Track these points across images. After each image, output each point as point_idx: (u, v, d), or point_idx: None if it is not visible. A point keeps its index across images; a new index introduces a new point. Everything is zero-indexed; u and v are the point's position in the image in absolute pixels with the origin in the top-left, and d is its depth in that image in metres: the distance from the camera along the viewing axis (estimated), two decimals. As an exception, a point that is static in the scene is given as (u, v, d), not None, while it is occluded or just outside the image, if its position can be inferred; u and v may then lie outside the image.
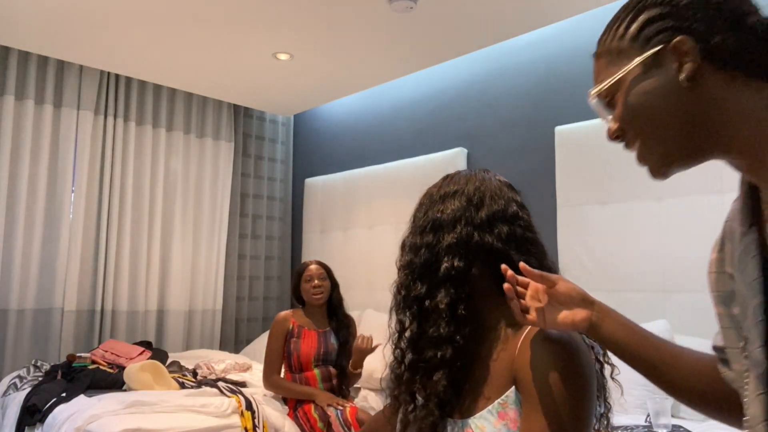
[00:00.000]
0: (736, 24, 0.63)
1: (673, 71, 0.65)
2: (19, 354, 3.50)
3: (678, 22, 0.65)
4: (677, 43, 0.64)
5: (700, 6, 0.65)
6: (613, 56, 0.71)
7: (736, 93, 0.63)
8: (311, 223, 4.48)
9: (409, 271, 0.97)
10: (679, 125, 0.66)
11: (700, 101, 0.65)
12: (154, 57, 3.60)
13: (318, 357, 2.69)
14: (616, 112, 0.71)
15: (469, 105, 3.60)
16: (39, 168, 3.63)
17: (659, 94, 0.67)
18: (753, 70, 0.63)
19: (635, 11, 0.70)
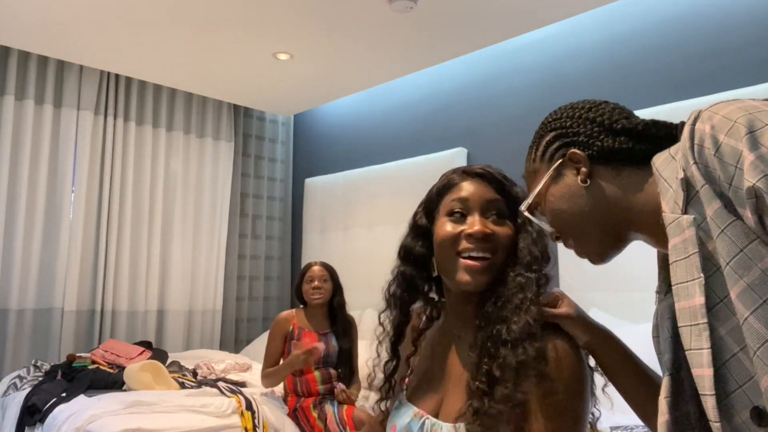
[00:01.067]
0: (609, 130, 0.81)
1: (574, 177, 0.82)
2: (19, 354, 3.50)
3: (568, 138, 0.84)
4: (570, 154, 0.82)
5: (581, 123, 0.83)
6: (532, 175, 0.89)
7: (626, 182, 0.79)
8: (311, 223, 4.48)
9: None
10: (594, 220, 0.81)
11: (600, 195, 0.80)
12: (154, 57, 3.60)
13: (318, 359, 2.69)
14: (547, 219, 0.87)
15: (469, 105, 3.60)
16: (39, 168, 3.63)
17: (568, 197, 0.83)
18: (632, 161, 0.79)
19: (539, 137, 0.88)
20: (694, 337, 0.65)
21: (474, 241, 0.90)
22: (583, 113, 0.85)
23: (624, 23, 2.93)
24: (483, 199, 0.93)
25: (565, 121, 0.85)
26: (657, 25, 2.81)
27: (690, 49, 2.69)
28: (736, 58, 2.54)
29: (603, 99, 0.88)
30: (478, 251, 0.90)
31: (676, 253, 0.68)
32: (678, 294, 0.68)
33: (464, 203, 0.94)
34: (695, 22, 2.68)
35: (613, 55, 2.96)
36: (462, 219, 0.93)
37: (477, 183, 0.95)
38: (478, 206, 0.93)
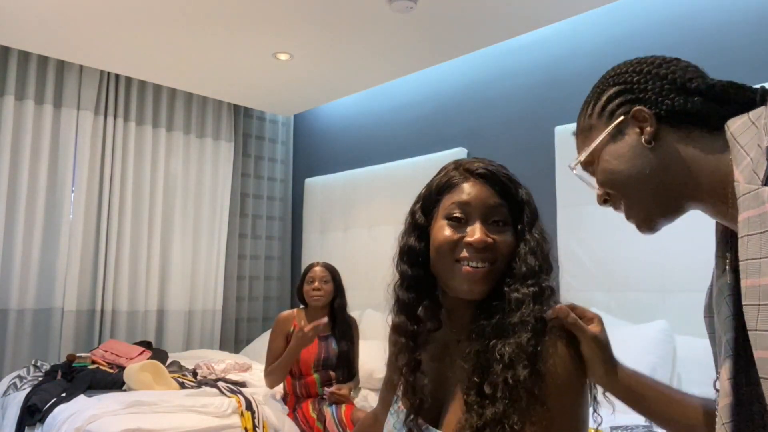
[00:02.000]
0: (681, 89, 0.76)
1: (636, 136, 0.77)
2: (19, 354, 3.50)
3: (633, 95, 0.79)
4: (635, 112, 0.77)
5: (649, 80, 0.79)
6: (587, 132, 0.83)
7: (693, 146, 0.74)
8: (311, 223, 4.48)
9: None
10: (652, 183, 0.76)
11: (664, 158, 0.75)
12: (154, 57, 3.60)
13: (318, 362, 2.68)
14: (598, 179, 0.83)
15: (469, 105, 3.60)
16: (39, 168, 3.63)
17: (628, 157, 0.78)
18: (703, 124, 0.74)
19: (599, 92, 0.83)
20: (762, 318, 0.61)
21: (473, 251, 0.86)
22: (653, 69, 0.80)
23: (624, 23, 2.93)
24: (485, 204, 0.89)
25: (631, 76, 0.80)
26: (657, 25, 2.81)
27: (690, 49, 2.69)
28: (736, 58, 2.54)
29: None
30: (477, 261, 0.86)
31: (750, 226, 0.63)
32: (747, 270, 0.63)
33: (465, 208, 0.89)
34: (695, 22, 2.68)
35: (613, 55, 2.96)
36: (462, 224, 0.88)
37: (479, 185, 0.90)
38: (479, 212, 0.88)
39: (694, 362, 2.27)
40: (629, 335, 2.35)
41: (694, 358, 2.27)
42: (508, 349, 0.81)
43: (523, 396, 0.78)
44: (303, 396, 2.68)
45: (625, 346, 2.35)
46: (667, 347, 2.26)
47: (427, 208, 0.95)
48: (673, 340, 2.29)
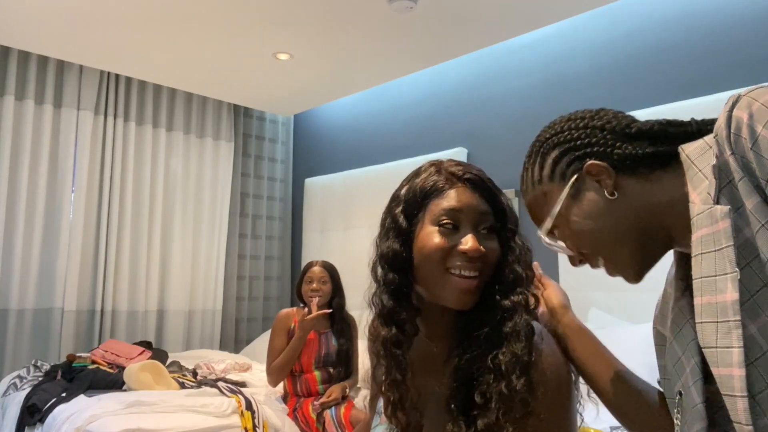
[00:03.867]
0: (623, 136, 0.76)
1: (596, 191, 0.76)
2: (19, 354, 3.50)
3: (578, 151, 0.78)
4: (588, 167, 0.76)
5: (589, 133, 0.78)
6: (541, 199, 0.82)
7: (656, 187, 0.74)
8: (311, 223, 4.48)
9: None
10: (629, 235, 0.75)
11: (632, 206, 0.75)
12: (154, 57, 3.60)
13: (318, 359, 2.69)
14: (569, 243, 0.81)
15: (469, 105, 3.59)
16: (39, 168, 3.63)
17: (596, 214, 0.76)
18: (655, 165, 0.74)
19: (540, 157, 0.82)
20: (722, 335, 0.61)
21: (467, 260, 0.83)
22: (589, 122, 0.79)
23: (624, 23, 2.93)
24: (477, 212, 0.86)
25: (570, 134, 0.79)
26: (657, 25, 2.81)
27: (690, 49, 2.69)
28: (736, 58, 2.54)
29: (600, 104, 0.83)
30: (469, 270, 0.83)
31: (704, 245, 0.64)
32: (702, 288, 0.64)
33: (456, 215, 0.86)
34: (695, 22, 2.68)
35: (613, 55, 2.96)
36: (452, 231, 0.85)
37: (469, 192, 0.88)
38: (470, 220, 0.86)
39: (694, 362, 2.27)
40: (629, 335, 2.35)
41: (694, 358, 2.27)
42: (503, 358, 0.79)
43: (517, 406, 0.77)
44: (303, 394, 2.68)
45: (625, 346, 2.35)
46: (667, 347, 2.26)
47: (409, 212, 0.91)
48: (673, 340, 2.28)
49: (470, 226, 0.86)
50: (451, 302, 0.85)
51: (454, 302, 0.84)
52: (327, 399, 2.55)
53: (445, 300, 0.85)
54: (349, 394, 2.72)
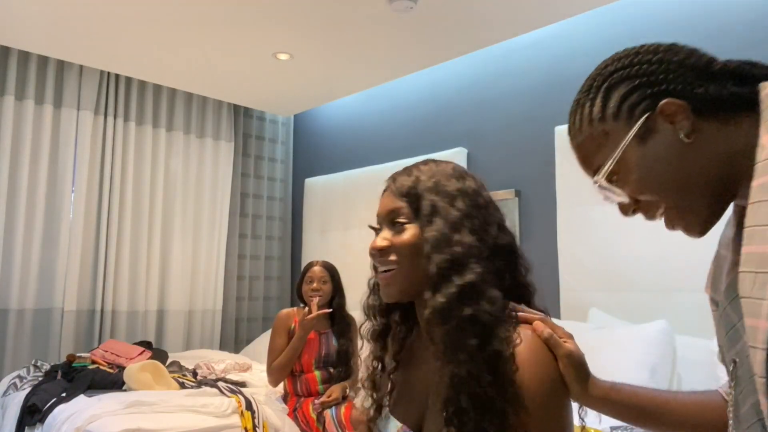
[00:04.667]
0: (706, 74, 0.68)
1: (670, 133, 0.68)
2: (19, 354, 3.50)
3: (654, 88, 0.69)
4: (663, 106, 0.67)
5: (668, 69, 0.69)
6: (600, 139, 0.73)
7: (733, 133, 0.66)
8: (311, 223, 4.48)
9: None
10: (703, 182, 0.68)
11: (706, 151, 0.67)
12: (154, 57, 3.60)
13: (319, 359, 2.69)
14: (629, 189, 0.72)
15: (469, 105, 3.59)
16: (39, 168, 3.63)
17: (669, 158, 0.68)
18: (737, 108, 0.67)
19: (603, 92, 0.73)
20: (758, 285, 0.57)
21: (374, 257, 0.91)
22: (665, 56, 0.70)
23: (624, 23, 2.92)
24: (386, 209, 0.91)
25: (644, 67, 0.70)
26: (657, 25, 2.81)
27: (690, 49, 2.69)
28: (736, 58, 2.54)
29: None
30: (381, 265, 0.90)
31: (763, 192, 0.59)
32: (752, 237, 0.59)
33: (378, 219, 0.94)
34: (694, 23, 2.68)
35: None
36: (377, 233, 0.93)
37: (385, 195, 0.94)
38: (384, 219, 0.92)
39: (694, 362, 2.27)
40: (629, 335, 2.35)
41: (694, 358, 2.27)
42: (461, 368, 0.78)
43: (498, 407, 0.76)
44: (304, 394, 2.68)
45: (625, 346, 2.36)
46: (667, 347, 2.26)
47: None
48: (673, 340, 2.29)
49: (384, 225, 0.92)
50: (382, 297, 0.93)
51: (383, 297, 0.93)
52: (327, 399, 2.55)
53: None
54: (350, 394, 2.72)
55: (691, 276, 2.49)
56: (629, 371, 2.19)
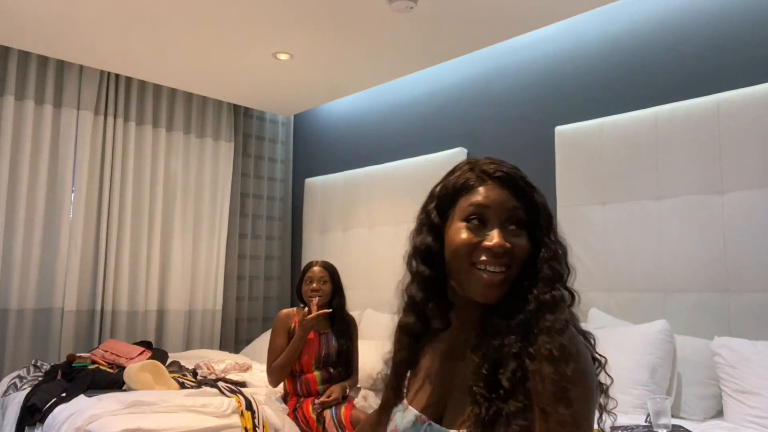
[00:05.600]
0: None
1: None
2: (19, 354, 3.50)
3: None
4: None
5: None
6: None
7: None
8: (311, 223, 4.48)
9: None
10: None
11: None
12: (154, 57, 3.60)
13: (319, 359, 2.68)
14: None
15: (469, 105, 3.59)
16: (39, 168, 3.63)
17: None
18: None
19: None
20: None
21: (492, 255, 0.85)
22: None
23: (624, 23, 2.93)
24: (503, 208, 0.88)
25: None
26: (657, 25, 2.81)
27: (690, 49, 2.69)
28: (736, 58, 2.54)
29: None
30: (495, 266, 0.85)
31: None
32: None
33: (483, 211, 0.88)
34: (694, 22, 2.68)
35: (613, 55, 2.96)
36: (479, 227, 0.88)
37: (497, 188, 0.89)
38: (497, 216, 0.88)
39: (694, 362, 2.27)
40: (629, 335, 2.35)
41: (694, 358, 2.27)
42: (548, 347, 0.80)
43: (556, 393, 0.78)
44: (303, 394, 2.68)
45: (625, 346, 2.36)
46: (667, 347, 2.26)
47: (442, 208, 0.94)
48: (673, 340, 2.28)
49: (497, 222, 0.88)
50: (477, 296, 0.87)
51: (480, 296, 0.87)
52: (327, 399, 2.55)
53: (472, 293, 0.88)
54: (350, 394, 2.72)
55: (691, 276, 2.49)
56: (629, 371, 2.19)
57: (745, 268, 2.33)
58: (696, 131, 2.52)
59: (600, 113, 2.91)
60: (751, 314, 2.30)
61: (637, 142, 2.70)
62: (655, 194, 2.63)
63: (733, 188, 2.40)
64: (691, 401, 2.22)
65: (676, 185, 2.56)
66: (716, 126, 2.46)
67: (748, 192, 2.36)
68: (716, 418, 2.16)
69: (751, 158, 2.36)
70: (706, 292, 2.43)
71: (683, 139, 2.56)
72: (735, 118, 2.42)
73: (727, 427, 1.99)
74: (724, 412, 2.09)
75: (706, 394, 2.22)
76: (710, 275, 2.42)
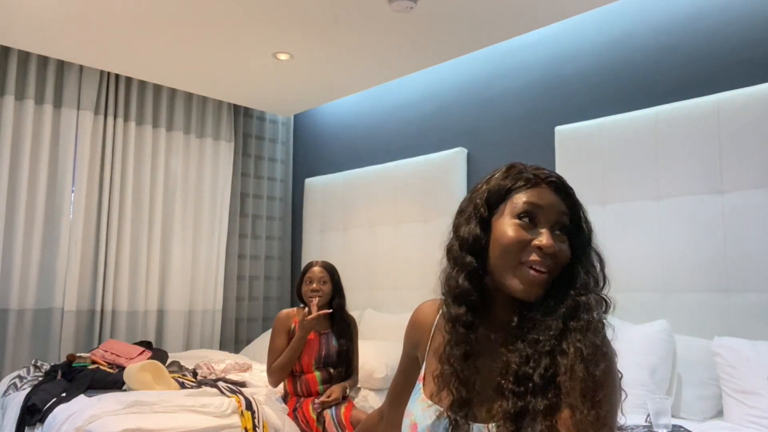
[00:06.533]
0: None
1: None
2: (19, 354, 3.50)
3: None
4: None
5: None
6: None
7: None
8: (311, 223, 4.48)
9: None
10: None
11: None
12: (154, 57, 3.60)
13: (319, 359, 2.68)
14: None
15: (469, 105, 3.60)
16: (39, 168, 3.63)
17: None
18: None
19: None
20: None
21: (541, 255, 0.88)
22: None
23: (624, 23, 2.93)
24: (555, 211, 0.92)
25: None
26: (657, 25, 2.81)
27: (690, 49, 2.69)
28: (736, 58, 2.54)
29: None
30: (542, 266, 0.88)
31: None
32: None
33: (537, 211, 0.91)
34: (695, 23, 2.68)
35: (613, 55, 2.96)
36: (530, 226, 0.90)
37: (550, 193, 0.93)
38: (549, 218, 0.91)
39: (694, 362, 2.27)
40: (629, 335, 2.35)
41: (694, 358, 2.27)
42: (579, 345, 0.83)
43: (586, 392, 0.80)
44: (304, 394, 2.68)
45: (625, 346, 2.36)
46: (667, 347, 2.26)
47: (492, 202, 0.95)
48: (673, 340, 2.29)
49: (547, 224, 0.91)
50: (518, 292, 0.89)
51: (521, 293, 0.89)
52: (327, 399, 2.55)
53: (513, 290, 0.89)
54: (350, 394, 2.72)
55: (691, 276, 2.49)
56: (629, 371, 2.18)
57: (745, 268, 2.33)
58: (696, 131, 2.52)
59: (600, 113, 2.91)
60: (751, 314, 2.30)
61: (637, 142, 2.70)
62: (655, 194, 2.63)
63: (733, 188, 2.40)
64: (691, 401, 2.22)
65: (676, 185, 2.56)
66: (716, 126, 2.46)
67: (748, 192, 2.36)
68: (716, 418, 2.16)
69: (751, 158, 2.37)
70: (706, 292, 2.43)
71: (683, 139, 2.56)
72: (735, 118, 2.42)
73: (727, 427, 1.99)
74: (724, 412, 2.09)
75: (706, 394, 2.22)
76: (710, 275, 2.42)
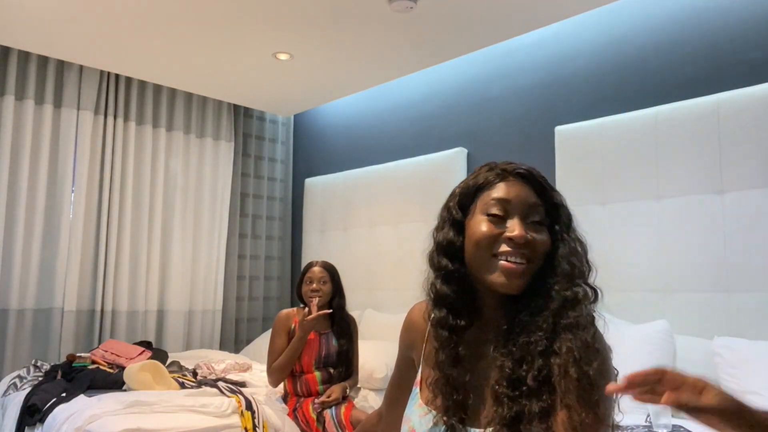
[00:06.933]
0: None
1: None
2: (19, 354, 3.50)
3: None
4: None
5: None
6: None
7: None
8: (311, 223, 4.48)
9: None
10: None
11: None
12: (153, 57, 3.60)
13: (319, 359, 2.68)
14: None
15: (469, 105, 3.59)
16: (39, 168, 3.63)
17: None
18: None
19: None
20: None
21: (513, 246, 0.88)
22: None
23: (624, 23, 2.93)
24: (525, 202, 0.91)
25: None
26: (657, 25, 2.81)
27: (690, 49, 2.69)
28: (736, 58, 2.54)
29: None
30: (516, 256, 0.88)
31: None
32: None
33: (505, 205, 0.91)
34: (695, 22, 2.68)
35: (613, 55, 2.96)
36: (501, 221, 0.90)
37: (519, 184, 0.93)
38: (519, 210, 0.91)
39: (694, 362, 2.27)
40: (629, 335, 2.35)
41: (694, 358, 2.27)
42: (570, 344, 0.82)
43: (580, 391, 0.80)
44: (304, 394, 2.68)
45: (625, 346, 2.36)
46: (667, 347, 2.26)
47: (463, 204, 0.97)
48: (673, 340, 2.29)
49: (518, 216, 0.90)
50: (499, 286, 0.88)
51: (501, 286, 0.88)
52: (327, 399, 2.55)
53: (493, 284, 0.89)
54: (350, 394, 2.72)
55: (691, 276, 2.49)
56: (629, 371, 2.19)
57: (745, 268, 2.33)
58: (696, 131, 2.52)
59: (600, 113, 2.91)
60: (751, 314, 2.30)
61: (637, 142, 2.70)
62: (655, 194, 2.63)
63: (733, 188, 2.40)
64: (691, 401, 2.21)
65: (676, 185, 2.56)
66: (716, 126, 2.46)
67: (748, 192, 2.36)
68: (716, 418, 2.16)
69: (751, 158, 2.37)
70: (706, 292, 2.43)
71: (683, 139, 2.56)
72: (735, 118, 2.42)
73: (727, 427, 1.98)
74: (724, 412, 2.09)
75: (705, 394, 2.21)
76: (710, 275, 2.42)
